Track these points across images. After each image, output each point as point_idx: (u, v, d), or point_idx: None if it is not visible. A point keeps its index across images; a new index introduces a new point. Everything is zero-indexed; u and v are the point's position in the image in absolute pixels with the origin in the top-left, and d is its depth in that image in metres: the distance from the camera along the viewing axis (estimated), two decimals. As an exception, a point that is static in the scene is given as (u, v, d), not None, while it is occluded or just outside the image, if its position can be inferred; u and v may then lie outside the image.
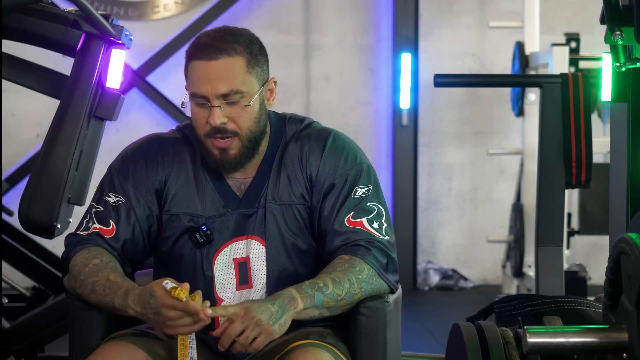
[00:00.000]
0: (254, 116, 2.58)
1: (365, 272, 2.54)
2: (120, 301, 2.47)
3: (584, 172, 3.68)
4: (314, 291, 2.47)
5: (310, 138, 2.66)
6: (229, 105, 2.55)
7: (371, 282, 2.55)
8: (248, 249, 2.62)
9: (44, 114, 7.19)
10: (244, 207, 2.63)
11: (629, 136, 2.78)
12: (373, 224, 2.60)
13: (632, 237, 2.14)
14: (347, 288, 2.51)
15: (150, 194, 2.64)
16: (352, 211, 2.60)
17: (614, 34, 2.61)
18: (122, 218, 2.61)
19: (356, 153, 2.67)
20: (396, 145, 7.73)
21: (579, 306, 2.98)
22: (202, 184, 2.64)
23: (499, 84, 6.16)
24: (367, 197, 2.62)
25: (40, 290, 5.06)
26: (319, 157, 2.64)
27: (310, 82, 7.85)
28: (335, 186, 2.62)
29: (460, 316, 3.35)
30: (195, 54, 2.57)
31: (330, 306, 2.50)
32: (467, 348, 2.61)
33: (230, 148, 2.57)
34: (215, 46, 2.55)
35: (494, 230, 7.79)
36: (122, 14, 7.68)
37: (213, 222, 2.62)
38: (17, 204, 3.16)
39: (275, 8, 7.80)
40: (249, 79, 2.58)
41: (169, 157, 2.66)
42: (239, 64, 2.56)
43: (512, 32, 7.45)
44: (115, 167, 2.68)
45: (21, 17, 3.14)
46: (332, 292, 2.49)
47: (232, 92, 2.54)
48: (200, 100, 2.55)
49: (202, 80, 2.54)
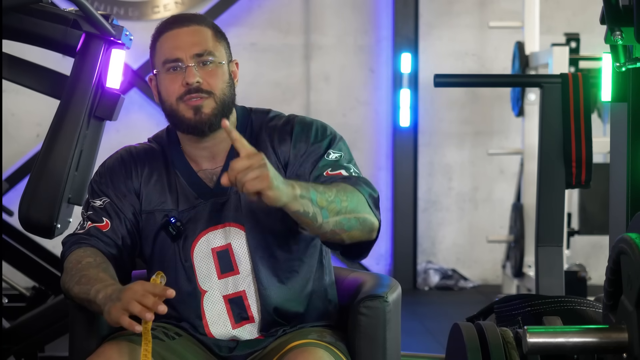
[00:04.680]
0: (226, 79, 2.63)
1: (353, 190, 2.54)
2: (99, 287, 2.44)
3: (584, 172, 3.68)
4: (308, 186, 2.48)
5: (278, 123, 2.69)
6: (201, 68, 2.60)
7: (358, 199, 2.54)
8: (228, 237, 2.63)
9: (44, 114, 7.18)
10: (216, 196, 2.65)
11: (629, 136, 2.78)
12: (351, 171, 2.62)
13: (632, 237, 2.14)
14: (335, 193, 2.50)
15: (130, 194, 2.68)
16: (329, 167, 2.62)
17: (614, 34, 2.62)
18: (113, 215, 2.66)
19: (325, 127, 2.70)
20: (396, 145, 7.74)
21: (579, 306, 2.98)
22: (174, 182, 2.68)
23: (499, 84, 6.16)
24: (340, 160, 2.64)
25: (40, 290, 5.07)
26: (289, 142, 2.66)
27: (310, 82, 7.85)
28: (310, 154, 2.64)
29: (460, 316, 3.35)
30: (164, 28, 2.65)
31: (322, 206, 2.47)
32: (467, 348, 2.61)
33: (203, 106, 2.60)
34: (183, 17, 2.68)
35: (494, 230, 7.79)
36: (122, 14, 7.68)
37: (187, 214, 2.65)
38: (17, 204, 3.17)
39: (275, 8, 7.81)
40: (218, 47, 2.64)
41: (142, 163, 2.71)
42: (208, 32, 2.65)
43: (512, 32, 7.45)
44: (94, 179, 2.74)
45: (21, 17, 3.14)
46: (323, 192, 2.48)
47: (205, 52, 2.61)
48: (173, 64, 2.61)
49: (175, 44, 2.61)
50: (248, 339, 2.64)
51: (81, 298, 2.50)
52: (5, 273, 5.12)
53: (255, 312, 2.63)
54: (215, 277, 2.63)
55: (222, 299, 2.63)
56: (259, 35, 7.80)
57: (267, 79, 7.78)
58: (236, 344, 2.63)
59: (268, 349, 2.61)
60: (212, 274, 2.63)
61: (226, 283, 2.63)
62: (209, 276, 2.63)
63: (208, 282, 2.63)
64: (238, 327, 2.64)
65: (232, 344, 2.63)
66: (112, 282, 2.48)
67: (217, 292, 2.63)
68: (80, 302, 2.52)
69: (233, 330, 2.64)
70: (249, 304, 2.63)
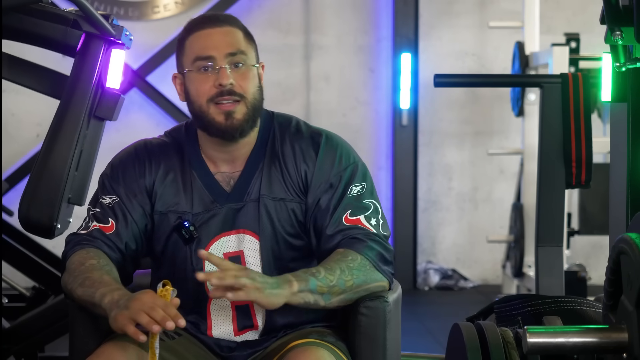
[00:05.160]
0: (257, 83, 2.63)
1: (358, 261, 2.54)
2: (104, 290, 2.44)
3: (584, 172, 3.68)
4: (307, 275, 2.47)
5: (303, 138, 2.67)
6: (234, 70, 2.58)
7: (364, 270, 2.55)
8: (241, 243, 2.62)
9: (44, 114, 7.19)
10: (232, 201, 2.63)
11: (629, 136, 2.78)
12: (370, 220, 2.61)
13: (632, 237, 2.14)
14: (338, 275, 2.50)
15: (141, 194, 2.65)
16: (348, 209, 2.61)
17: (614, 34, 2.61)
18: (120, 217, 2.63)
19: (349, 152, 2.69)
20: (396, 145, 7.73)
21: (579, 306, 2.98)
22: (190, 183, 2.65)
23: (499, 84, 6.16)
24: (362, 195, 2.64)
25: (40, 290, 5.06)
26: (313, 158, 2.65)
27: (310, 82, 7.85)
28: (331, 186, 2.63)
29: (460, 316, 3.35)
30: (196, 27, 2.63)
31: (324, 292, 2.49)
32: (467, 348, 2.61)
33: (235, 112, 2.58)
34: (217, 17, 2.65)
35: (494, 230, 7.79)
36: (122, 14, 7.68)
37: (201, 218, 2.63)
38: (17, 204, 3.16)
39: (275, 8, 7.80)
40: (249, 49, 2.64)
41: (156, 160, 2.67)
42: (240, 33, 2.63)
43: (512, 32, 7.45)
44: (105, 173, 2.70)
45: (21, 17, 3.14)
46: (325, 277, 2.48)
47: (238, 51, 2.60)
48: (206, 63, 2.58)
49: (208, 43, 2.59)
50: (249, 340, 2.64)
51: (85, 300, 2.49)
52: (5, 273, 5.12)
53: (260, 321, 2.63)
54: None
55: (229, 305, 2.62)
56: (259, 35, 7.74)
57: (267, 79, 7.70)
58: (237, 344, 2.63)
59: (269, 349, 2.61)
60: None
61: None
62: None
63: None
64: (240, 335, 2.64)
65: (232, 344, 2.63)
66: (118, 286, 2.46)
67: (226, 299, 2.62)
68: (84, 304, 2.51)
69: (235, 337, 2.63)
70: (254, 312, 2.63)
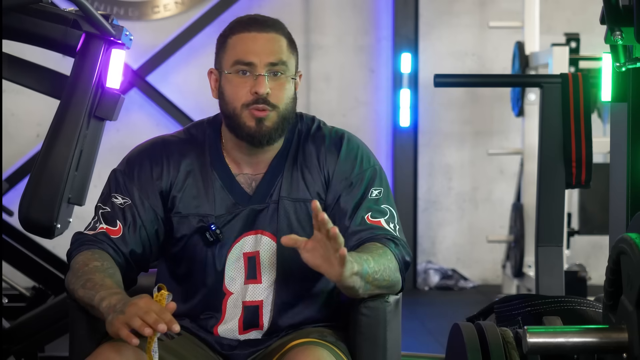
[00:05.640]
0: (291, 95, 2.62)
1: (394, 263, 2.56)
2: (103, 294, 2.42)
3: (584, 172, 3.68)
4: (362, 260, 2.46)
5: (326, 138, 2.68)
6: (272, 78, 2.57)
7: (395, 274, 2.56)
8: (258, 244, 2.62)
9: (44, 114, 7.19)
10: (255, 203, 2.63)
11: (629, 136, 2.78)
12: (389, 224, 2.62)
13: (632, 237, 2.14)
14: (382, 270, 2.51)
15: (155, 197, 2.63)
16: (370, 211, 2.62)
17: (614, 34, 2.61)
18: (129, 220, 2.61)
19: (369, 155, 2.71)
20: (396, 145, 7.74)
21: (579, 306, 2.98)
22: (211, 183, 2.63)
23: (499, 84, 6.16)
24: (380, 199, 2.65)
25: (40, 290, 5.06)
26: (335, 157, 2.65)
27: (310, 82, 7.85)
28: (352, 185, 2.64)
29: (460, 316, 3.35)
30: (242, 28, 2.62)
31: (368, 281, 2.48)
32: (467, 348, 2.61)
33: (267, 119, 2.57)
34: (264, 21, 2.64)
35: (494, 230, 7.79)
36: (122, 14, 7.68)
37: (223, 220, 2.62)
38: (17, 204, 3.16)
39: (275, 8, 7.80)
40: (291, 59, 2.62)
41: (175, 160, 2.65)
42: (284, 42, 2.62)
43: (512, 32, 7.45)
44: (120, 169, 2.67)
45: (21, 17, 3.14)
46: (373, 267, 2.48)
47: (280, 62, 2.58)
48: (245, 67, 2.58)
49: (250, 48, 2.58)
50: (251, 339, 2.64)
51: (85, 302, 2.49)
52: (5, 273, 5.12)
53: (266, 322, 2.63)
54: (242, 281, 2.62)
55: (241, 304, 2.62)
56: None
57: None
58: (238, 342, 2.63)
59: (270, 348, 2.61)
60: (240, 277, 2.62)
61: (247, 290, 2.62)
62: (236, 279, 2.62)
63: (233, 285, 2.62)
64: (244, 333, 2.64)
65: (234, 342, 2.63)
66: (117, 290, 2.45)
67: (240, 297, 2.62)
68: (84, 305, 2.51)
69: (239, 335, 2.64)
70: (262, 314, 2.63)
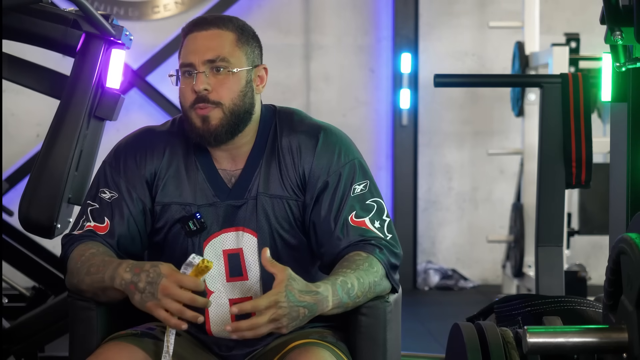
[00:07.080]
0: (238, 89, 2.59)
1: (380, 272, 2.54)
2: (111, 272, 2.45)
3: (584, 172, 3.68)
4: (343, 293, 2.46)
5: (302, 133, 2.65)
6: (214, 74, 2.56)
7: (382, 283, 2.55)
8: (240, 241, 2.61)
9: (44, 114, 7.19)
10: (232, 198, 2.62)
11: (629, 136, 2.78)
12: (375, 223, 2.60)
13: (632, 237, 2.14)
14: (366, 290, 2.51)
15: (142, 187, 2.64)
16: (353, 210, 2.60)
17: (614, 34, 2.61)
18: (116, 214, 2.61)
19: (348, 148, 2.66)
20: (396, 145, 7.74)
21: (579, 306, 2.98)
22: (194, 173, 2.64)
23: (499, 84, 6.16)
24: (365, 194, 2.62)
25: (40, 290, 5.06)
26: (311, 154, 2.63)
27: (310, 82, 7.85)
28: (329, 184, 2.62)
29: (460, 316, 3.35)
30: (187, 31, 2.61)
31: (348, 306, 2.50)
32: (467, 348, 2.61)
33: (211, 118, 2.56)
34: (207, 20, 2.62)
35: (494, 230, 7.79)
36: (122, 14, 7.68)
37: (204, 210, 2.62)
38: (17, 204, 3.17)
39: (275, 8, 7.80)
40: (237, 53, 2.60)
41: (160, 149, 2.66)
42: (229, 37, 2.60)
43: (512, 32, 7.45)
44: (108, 162, 2.68)
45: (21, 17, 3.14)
46: (355, 294, 2.48)
47: (218, 58, 2.56)
48: (188, 68, 2.57)
49: (190, 49, 2.58)
50: (248, 338, 2.64)
51: (95, 288, 2.49)
52: (5, 273, 5.11)
53: None
54: (224, 280, 2.62)
55: (228, 303, 2.61)
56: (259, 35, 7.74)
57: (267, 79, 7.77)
58: (236, 342, 2.62)
59: (268, 347, 2.61)
60: (221, 276, 2.62)
61: (234, 287, 2.61)
62: (216, 278, 2.61)
63: (215, 283, 2.62)
64: None
65: (231, 342, 2.62)
66: (120, 260, 2.48)
67: (224, 295, 2.61)
68: (95, 292, 2.50)
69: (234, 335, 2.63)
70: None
